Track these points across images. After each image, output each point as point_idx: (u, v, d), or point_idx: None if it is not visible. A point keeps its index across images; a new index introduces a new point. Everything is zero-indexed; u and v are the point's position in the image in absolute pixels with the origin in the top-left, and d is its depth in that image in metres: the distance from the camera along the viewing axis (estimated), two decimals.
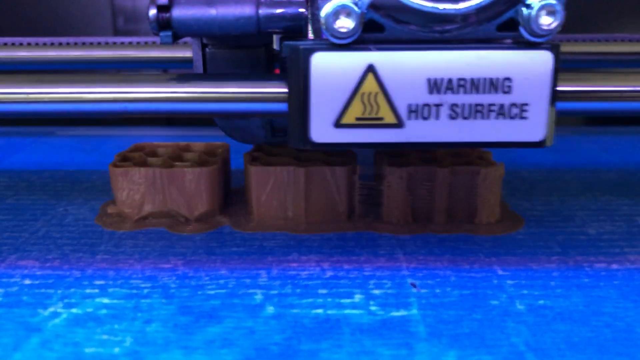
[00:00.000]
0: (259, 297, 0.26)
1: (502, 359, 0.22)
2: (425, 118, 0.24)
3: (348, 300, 0.26)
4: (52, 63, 0.37)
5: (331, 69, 0.23)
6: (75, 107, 0.25)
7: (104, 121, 0.64)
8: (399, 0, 0.23)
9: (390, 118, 0.24)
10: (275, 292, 0.26)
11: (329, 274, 0.28)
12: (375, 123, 0.24)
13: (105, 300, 0.26)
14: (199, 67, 0.31)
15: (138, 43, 0.37)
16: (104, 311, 0.25)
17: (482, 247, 0.31)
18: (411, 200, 0.33)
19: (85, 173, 0.44)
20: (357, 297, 0.26)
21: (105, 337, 0.23)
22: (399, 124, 0.24)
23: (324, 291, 0.27)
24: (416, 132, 0.24)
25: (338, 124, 0.24)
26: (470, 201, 0.33)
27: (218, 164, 0.34)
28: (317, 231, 0.33)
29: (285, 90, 0.25)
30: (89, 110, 0.25)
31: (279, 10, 0.25)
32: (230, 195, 0.38)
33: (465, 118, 0.24)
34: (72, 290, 0.27)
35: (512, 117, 0.24)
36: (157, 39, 0.37)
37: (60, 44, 0.37)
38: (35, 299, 0.26)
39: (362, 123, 0.24)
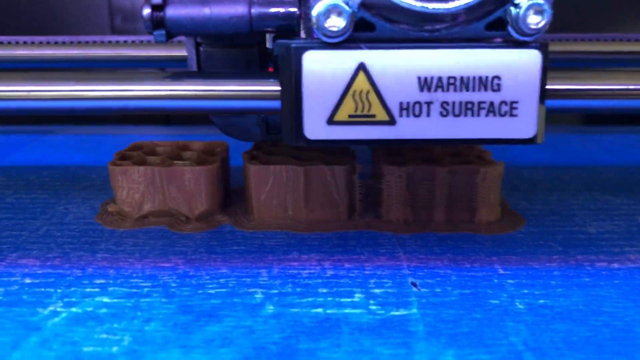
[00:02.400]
0: (259, 296, 0.26)
1: (500, 359, 0.22)
2: (416, 115, 0.24)
3: (348, 300, 0.26)
4: (49, 62, 0.37)
5: (323, 67, 0.24)
6: (72, 104, 0.26)
7: (102, 120, 0.64)
8: None
9: (382, 115, 0.24)
10: (275, 291, 0.26)
11: (330, 273, 0.28)
12: (367, 120, 0.24)
13: (105, 299, 0.26)
14: (193, 66, 0.31)
15: (134, 42, 0.37)
16: (103, 310, 0.25)
17: (483, 246, 0.31)
18: (411, 200, 0.33)
19: (84, 171, 0.44)
20: (357, 296, 0.26)
21: (104, 336, 0.23)
22: (390, 121, 0.24)
23: (324, 290, 0.27)
24: (408, 129, 0.24)
25: (331, 121, 0.24)
26: (470, 200, 0.33)
27: (217, 162, 0.34)
28: (317, 230, 0.33)
29: (278, 88, 0.25)
30: (86, 107, 0.26)
31: (271, 10, 0.26)
32: (230, 194, 0.38)
33: (456, 115, 0.24)
34: (72, 289, 0.27)
35: (502, 115, 0.24)
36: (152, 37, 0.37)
37: (57, 42, 0.37)
38: (35, 297, 0.26)
39: (355, 120, 0.24)
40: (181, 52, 0.37)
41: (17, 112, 0.26)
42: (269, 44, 0.29)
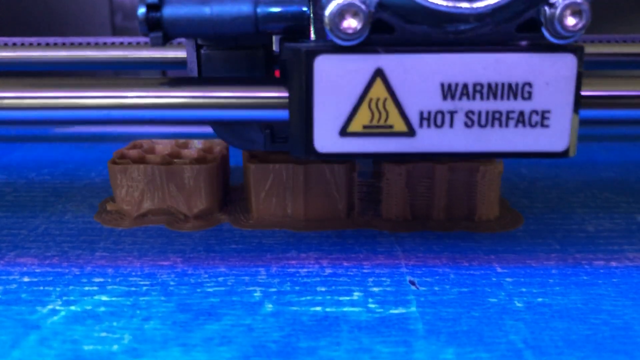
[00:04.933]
0: (257, 294, 0.26)
1: (500, 357, 0.22)
2: (438, 126, 0.22)
3: (347, 298, 0.26)
4: (48, 64, 0.37)
5: (336, 73, 0.22)
6: (61, 114, 0.24)
7: (85, 123, 0.64)
8: None
9: (400, 126, 0.22)
10: (274, 289, 0.26)
11: (328, 271, 0.28)
12: (384, 131, 0.22)
13: (104, 298, 0.26)
14: (193, 69, 0.29)
15: (131, 43, 0.37)
16: (102, 309, 0.25)
17: (481, 244, 0.31)
18: (410, 198, 0.33)
19: (84, 170, 0.44)
20: (356, 295, 0.26)
21: (103, 334, 0.23)
22: (409, 133, 0.22)
23: (322, 289, 0.27)
24: (428, 141, 0.23)
25: (344, 133, 0.23)
26: (469, 198, 0.33)
27: (217, 161, 0.34)
28: (316, 228, 0.33)
29: (286, 95, 0.23)
30: (76, 117, 0.24)
31: (278, 9, 0.24)
32: (230, 193, 0.38)
33: (481, 126, 0.22)
34: (71, 287, 0.27)
35: (532, 126, 0.22)
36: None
37: (56, 44, 0.37)
38: (34, 296, 0.26)
39: (370, 131, 0.23)
40: (182, 54, 0.37)
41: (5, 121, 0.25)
42: (275, 47, 0.27)
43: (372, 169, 0.35)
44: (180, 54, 0.36)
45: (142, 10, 0.23)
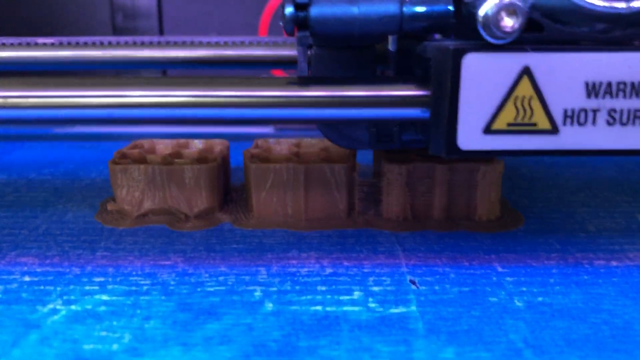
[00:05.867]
0: (258, 293, 0.26)
1: (500, 356, 0.22)
2: (581, 124, 0.23)
3: (347, 297, 0.26)
4: (51, 64, 0.37)
5: (484, 71, 0.22)
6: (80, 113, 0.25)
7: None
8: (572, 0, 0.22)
9: (544, 124, 0.23)
10: (274, 289, 0.27)
11: (329, 270, 0.28)
12: (528, 129, 0.23)
13: (105, 297, 0.26)
14: (303, 69, 0.29)
15: (134, 43, 0.37)
16: (103, 308, 0.25)
17: (482, 244, 0.31)
18: (410, 197, 0.33)
19: (84, 170, 0.44)
20: (356, 294, 0.26)
21: (104, 333, 0.23)
22: (553, 130, 0.23)
23: (323, 288, 0.27)
24: (571, 138, 0.23)
25: (488, 130, 0.23)
26: (469, 198, 0.33)
27: (217, 161, 0.34)
28: (316, 228, 0.33)
29: (425, 93, 0.24)
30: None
31: (424, 8, 0.24)
32: (230, 193, 0.38)
33: (623, 124, 0.23)
34: (72, 287, 0.27)
35: None
36: (156, 39, 0.37)
37: (56, 44, 0.37)
38: (35, 295, 0.26)
39: (514, 129, 0.23)
40: (184, 53, 0.37)
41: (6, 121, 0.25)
42: (391, 46, 0.27)
43: (372, 168, 0.35)
44: (180, 53, 0.36)
45: (289, 9, 0.23)
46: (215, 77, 0.25)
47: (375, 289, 0.26)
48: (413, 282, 0.27)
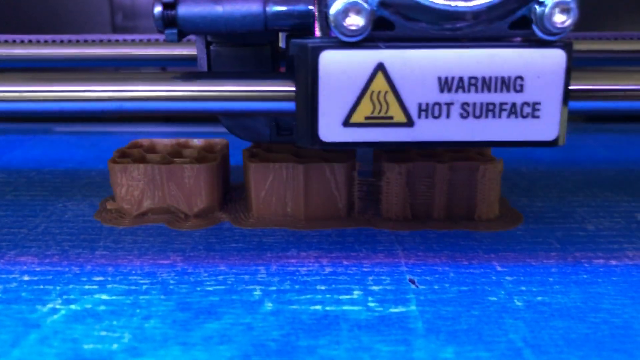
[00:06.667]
0: (257, 293, 0.26)
1: (499, 355, 0.22)
2: (435, 117, 0.24)
3: (347, 297, 0.26)
4: (50, 61, 0.37)
5: (340, 67, 0.23)
6: (74, 106, 0.25)
7: (103, 117, 0.64)
8: None
9: (400, 117, 0.24)
10: (274, 288, 0.27)
11: (328, 270, 0.28)
12: (384, 122, 0.24)
13: (104, 297, 0.26)
14: (203, 65, 0.30)
15: (134, 40, 0.37)
16: (102, 307, 0.25)
17: (481, 243, 0.31)
18: (410, 197, 0.33)
19: (84, 169, 0.44)
20: (356, 293, 0.26)
21: (103, 333, 0.23)
22: (409, 123, 0.24)
23: (322, 287, 0.27)
24: (426, 131, 0.24)
25: (347, 123, 0.24)
26: (469, 197, 0.33)
27: (217, 160, 0.34)
28: (316, 227, 0.33)
29: (293, 88, 0.24)
30: (87, 109, 0.25)
31: (286, 8, 0.25)
32: (230, 192, 0.38)
33: (476, 117, 0.24)
34: (71, 286, 0.27)
35: (524, 117, 0.24)
36: (154, 36, 0.37)
37: (56, 41, 0.37)
38: (34, 295, 0.26)
39: (372, 122, 0.24)
40: (183, 51, 0.37)
41: (12, 114, 0.25)
42: (281, 43, 0.29)
43: (372, 167, 0.35)
44: (179, 51, 0.37)
45: (158, 8, 0.24)
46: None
47: (375, 288, 0.26)
48: (412, 282, 0.27)
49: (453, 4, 0.22)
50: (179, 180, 0.33)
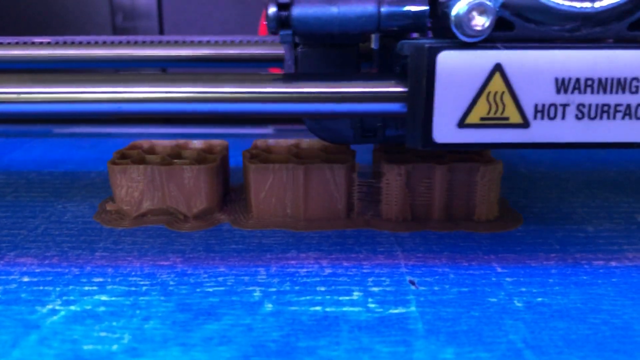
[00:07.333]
0: (257, 294, 0.26)
1: (499, 356, 0.22)
2: (551, 118, 0.24)
3: (346, 298, 0.26)
4: (50, 62, 0.37)
5: (457, 67, 0.23)
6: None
7: (103, 118, 0.64)
8: None
9: (515, 118, 0.24)
10: (273, 289, 0.26)
11: (328, 271, 0.28)
12: (500, 123, 0.24)
13: (104, 298, 0.26)
14: (290, 66, 0.30)
15: (136, 42, 0.37)
16: (102, 308, 0.25)
17: (481, 244, 0.31)
18: (410, 198, 0.33)
19: (83, 171, 0.44)
20: (356, 295, 0.26)
21: (103, 334, 0.23)
22: (524, 124, 0.24)
23: (322, 288, 0.27)
24: (542, 132, 0.24)
25: (462, 124, 0.24)
26: (469, 198, 0.33)
27: (217, 161, 0.34)
28: (316, 229, 0.33)
29: (404, 89, 0.24)
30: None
31: (402, 8, 0.25)
32: (230, 193, 0.38)
33: (591, 118, 0.24)
34: (71, 287, 0.27)
35: (638, 118, 0.24)
36: (154, 38, 0.37)
37: (58, 42, 0.37)
38: (34, 296, 0.26)
39: (487, 123, 0.24)
40: (181, 52, 0.37)
41: (10, 115, 0.25)
42: (374, 44, 0.28)
43: (372, 169, 0.35)
44: (179, 52, 0.37)
45: (272, 9, 0.24)
46: (203, 74, 0.26)
47: (375, 289, 0.26)
48: (412, 283, 0.27)
49: (578, 5, 0.23)
50: (179, 181, 0.33)
